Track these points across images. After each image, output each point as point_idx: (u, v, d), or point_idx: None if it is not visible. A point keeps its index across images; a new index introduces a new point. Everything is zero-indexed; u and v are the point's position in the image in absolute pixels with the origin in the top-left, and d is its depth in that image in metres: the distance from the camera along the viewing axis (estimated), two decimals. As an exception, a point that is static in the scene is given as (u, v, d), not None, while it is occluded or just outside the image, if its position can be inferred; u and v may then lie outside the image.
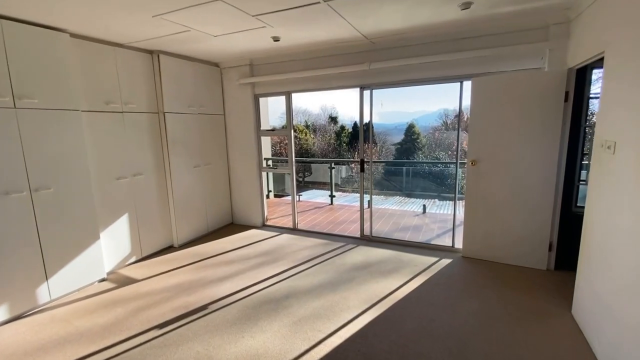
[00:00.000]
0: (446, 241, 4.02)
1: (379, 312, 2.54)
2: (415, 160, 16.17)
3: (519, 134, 3.09)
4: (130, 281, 3.24)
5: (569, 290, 2.74)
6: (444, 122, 26.19)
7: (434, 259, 3.49)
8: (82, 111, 3.03)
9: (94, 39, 3.18)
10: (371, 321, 2.43)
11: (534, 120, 3.01)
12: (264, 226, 4.81)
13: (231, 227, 4.83)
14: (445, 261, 3.43)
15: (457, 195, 3.68)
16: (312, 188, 9.11)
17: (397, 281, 3.02)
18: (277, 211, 5.73)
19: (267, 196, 6.81)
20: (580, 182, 3.03)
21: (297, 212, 5.09)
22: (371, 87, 3.77)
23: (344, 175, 10.16)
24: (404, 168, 7.69)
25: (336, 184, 8.18)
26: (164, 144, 3.88)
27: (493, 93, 3.15)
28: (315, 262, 3.51)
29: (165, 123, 3.81)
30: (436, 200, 7.43)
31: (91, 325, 2.52)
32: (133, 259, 3.65)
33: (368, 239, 4.11)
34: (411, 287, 2.91)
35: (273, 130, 4.64)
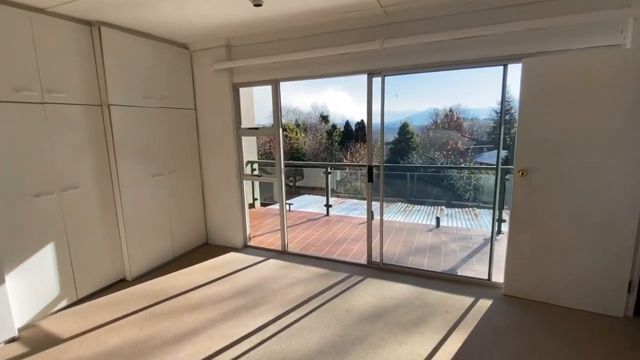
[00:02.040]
0: (477, 269, 3.19)
1: (412, 407, 1.67)
2: (438, 165, 14.73)
3: (590, 134, 2.27)
4: (51, 342, 2.28)
5: (675, 357, 1.93)
6: (434, 121, 25.83)
7: (469, 300, 2.65)
8: (-30, 100, 2.06)
9: (-8, -4, 2.21)
10: None
11: (613, 115, 2.20)
12: (245, 247, 3.89)
13: (205, 249, 3.89)
14: (485, 303, 2.60)
15: (495, 212, 2.83)
16: (303, 193, 8.22)
17: (427, 341, 2.16)
18: (263, 225, 4.81)
19: (252, 205, 5.89)
20: (676, 201, 2.23)
21: (287, 228, 4.20)
22: (383, 72, 2.90)
23: (339, 178, 9.30)
24: (408, 172, 6.91)
25: (332, 189, 7.31)
26: (109, 147, 2.92)
27: (552, 79, 2.32)
28: (312, 306, 2.62)
29: (110, 119, 2.85)
30: (443, 207, 6.65)
31: None
32: (63, 304, 2.68)
33: (378, 267, 3.24)
34: (450, 352, 2.05)
35: (256, 129, 3.73)
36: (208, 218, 3.99)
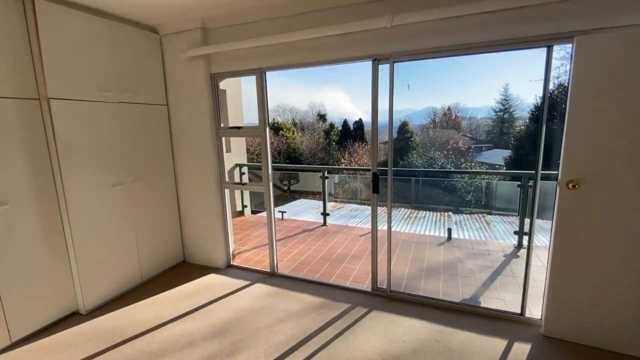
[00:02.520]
0: (503, 297, 2.65)
1: None
2: (455, 170, 13.28)
3: (669, 136, 1.74)
4: (-41, 410, 1.72)
5: None
6: (432, 120, 25.51)
7: (501, 343, 2.10)
8: None
9: None
10: None
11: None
12: (228, 267, 3.33)
13: (181, 270, 3.32)
14: (522, 348, 2.05)
15: (533, 226, 2.27)
16: (299, 197, 7.65)
17: (457, 413, 1.62)
18: (252, 238, 4.25)
19: (242, 213, 5.32)
20: None
21: (279, 242, 3.67)
22: (392, 58, 2.34)
23: (337, 181, 8.76)
24: (412, 177, 6.40)
25: (329, 194, 6.76)
26: (52, 152, 2.34)
27: (619, 63, 1.78)
28: (304, 353, 2.06)
29: (51, 116, 2.28)
30: (451, 214, 6.12)
31: None
32: (-9, 350, 2.12)
33: (385, 296, 2.69)
34: None
35: (239, 128, 3.16)
36: (185, 233, 3.43)
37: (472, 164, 18.11)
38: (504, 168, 15.71)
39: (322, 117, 23.08)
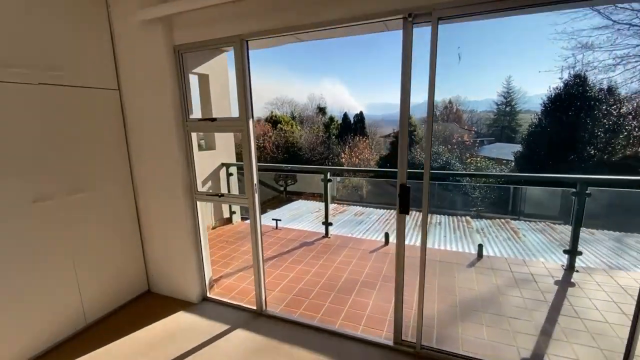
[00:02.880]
0: (573, 351, 1.91)
1: None
2: (500, 173, 12.03)
3: None
4: None
5: None
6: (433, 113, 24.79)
7: None
8: None
9: None
10: None
11: None
12: (204, 300, 2.58)
13: (143, 303, 2.57)
14: None
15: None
16: (297, 199, 6.89)
17: None
18: (240, 254, 3.50)
19: (230, 220, 4.56)
20: None
21: (271, 260, 2.98)
22: (435, 13, 1.56)
23: (338, 179, 8.01)
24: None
25: (332, 196, 6.00)
26: None
27: None
28: None
29: None
30: (469, 219, 5.37)
31: None
32: None
33: (413, 354, 1.95)
34: None
35: (214, 120, 2.37)
36: (148, 257, 2.67)
37: (478, 159, 17.36)
38: (513, 164, 14.98)
39: (321, 110, 22.32)
